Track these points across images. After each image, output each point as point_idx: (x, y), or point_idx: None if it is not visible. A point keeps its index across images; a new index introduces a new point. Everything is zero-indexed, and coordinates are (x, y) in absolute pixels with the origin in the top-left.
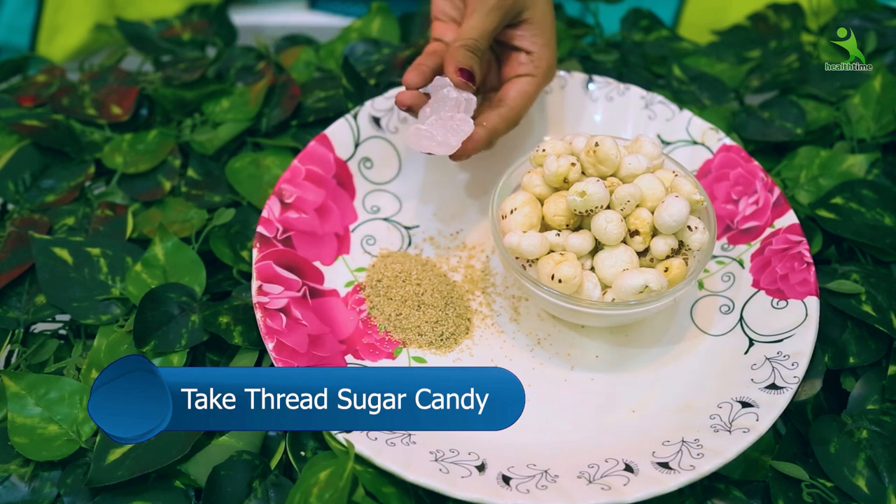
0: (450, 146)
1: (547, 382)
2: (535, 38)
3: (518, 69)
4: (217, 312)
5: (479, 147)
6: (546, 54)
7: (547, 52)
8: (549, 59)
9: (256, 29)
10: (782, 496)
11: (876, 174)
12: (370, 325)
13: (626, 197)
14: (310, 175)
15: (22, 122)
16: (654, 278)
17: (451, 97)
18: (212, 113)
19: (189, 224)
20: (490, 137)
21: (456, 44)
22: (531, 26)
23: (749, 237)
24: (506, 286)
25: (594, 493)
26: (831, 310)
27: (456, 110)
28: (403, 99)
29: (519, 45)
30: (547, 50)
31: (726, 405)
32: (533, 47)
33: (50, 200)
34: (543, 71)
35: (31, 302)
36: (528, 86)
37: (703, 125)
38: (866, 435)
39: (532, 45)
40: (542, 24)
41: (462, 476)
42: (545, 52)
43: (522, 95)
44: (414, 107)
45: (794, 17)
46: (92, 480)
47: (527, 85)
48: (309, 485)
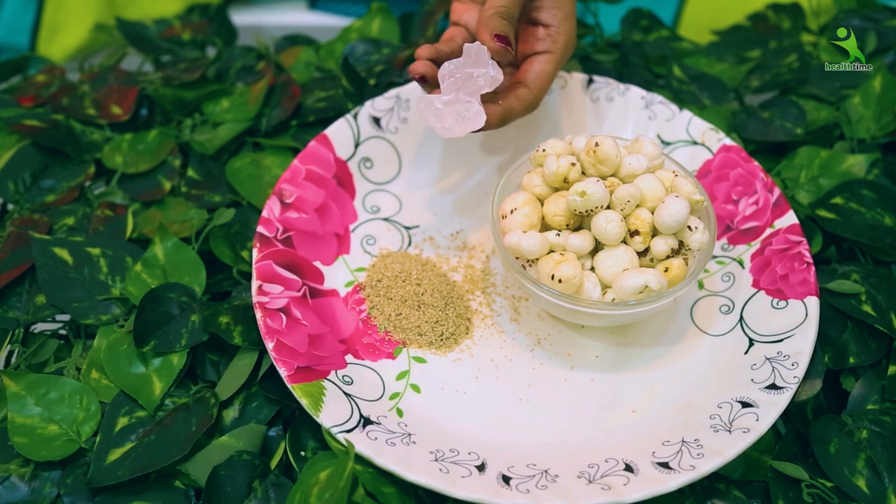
0: (452, 133)
1: (547, 382)
2: (554, 10)
3: (536, 45)
4: (217, 312)
5: (492, 125)
6: (565, 28)
7: (567, 26)
8: (567, 32)
9: (256, 29)
10: (782, 496)
11: (876, 174)
12: (370, 325)
13: (626, 197)
14: (310, 175)
15: (22, 122)
16: (654, 278)
17: (477, 82)
18: (212, 113)
19: (189, 224)
20: (504, 116)
21: (488, 12)
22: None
23: (749, 237)
24: (506, 286)
25: (594, 493)
26: (831, 310)
27: (476, 94)
28: (417, 67)
29: (537, 17)
30: (567, 23)
31: (726, 405)
32: (552, 20)
33: (50, 200)
34: (562, 47)
35: (31, 302)
36: (546, 65)
37: (703, 125)
38: (866, 435)
39: (551, 17)
40: None
41: (462, 476)
42: (565, 26)
43: (541, 76)
44: (428, 76)
45: (794, 17)
46: (92, 480)
47: (545, 64)
48: (309, 485)
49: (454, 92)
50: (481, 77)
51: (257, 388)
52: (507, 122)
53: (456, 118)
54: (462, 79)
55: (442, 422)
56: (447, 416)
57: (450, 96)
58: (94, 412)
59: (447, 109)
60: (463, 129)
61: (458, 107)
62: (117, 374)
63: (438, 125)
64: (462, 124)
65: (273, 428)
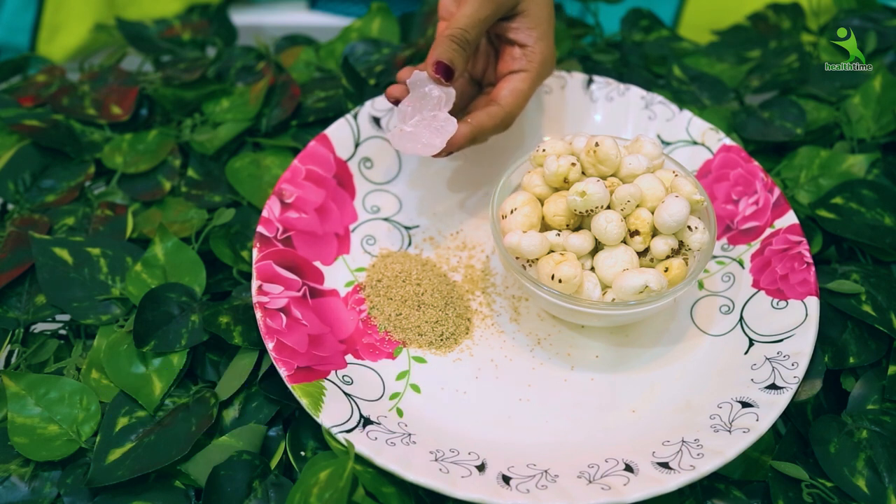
0: (434, 147)
1: (547, 382)
2: (529, 30)
3: (512, 64)
4: (217, 312)
5: (461, 145)
6: (540, 48)
7: (541, 46)
8: (543, 52)
9: (256, 29)
10: (782, 496)
11: (876, 174)
12: (370, 325)
13: (627, 197)
14: (310, 175)
15: (22, 122)
16: (654, 278)
17: (433, 95)
18: (212, 113)
19: (189, 224)
20: (474, 135)
21: (444, 33)
22: (526, 18)
23: (749, 237)
24: (506, 286)
25: (594, 493)
26: (831, 310)
27: (438, 108)
28: (392, 92)
29: (513, 38)
30: (541, 44)
31: (726, 405)
32: (528, 40)
33: (50, 200)
34: (537, 66)
35: (31, 302)
36: (520, 83)
37: (703, 125)
38: (866, 435)
39: (527, 37)
40: (538, 16)
41: (462, 476)
42: (539, 46)
43: (514, 93)
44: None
45: (794, 17)
46: (92, 480)
47: (519, 83)
48: (309, 485)
49: (416, 115)
50: (435, 90)
51: (257, 388)
52: (477, 139)
53: (430, 132)
54: (418, 98)
55: (442, 422)
56: (447, 416)
57: (413, 119)
58: (94, 412)
59: (418, 130)
60: (442, 138)
61: (426, 123)
62: (117, 374)
63: (418, 146)
64: (440, 134)
65: (273, 428)
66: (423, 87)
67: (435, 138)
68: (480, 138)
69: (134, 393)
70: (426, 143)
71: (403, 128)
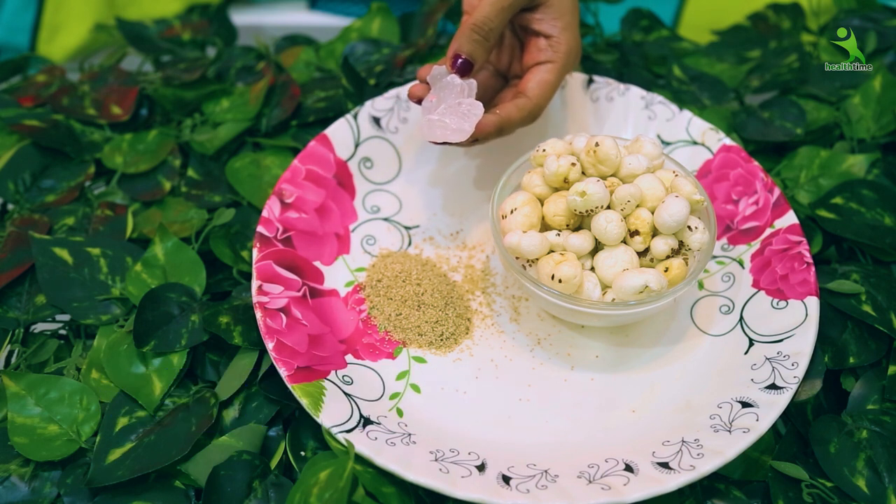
0: (464, 132)
1: (547, 382)
2: (554, 20)
3: (538, 56)
4: (217, 312)
5: (489, 134)
6: (566, 38)
7: (567, 36)
8: (568, 42)
9: (256, 29)
10: (782, 496)
11: (876, 174)
12: (370, 325)
13: (627, 197)
14: (310, 175)
15: (22, 122)
16: (654, 278)
17: (455, 84)
18: (212, 113)
19: (189, 224)
20: (501, 125)
21: (465, 25)
22: (550, 9)
23: (749, 237)
24: (506, 286)
25: (594, 493)
26: (831, 310)
27: (462, 96)
28: (415, 91)
29: (538, 28)
30: (567, 34)
31: (726, 405)
32: (552, 31)
33: (50, 200)
34: (563, 56)
35: (31, 302)
36: (547, 74)
37: (703, 125)
38: (866, 435)
39: (551, 28)
40: (562, 6)
41: (462, 476)
42: (565, 36)
43: (542, 85)
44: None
45: (794, 17)
46: (92, 480)
47: (546, 74)
48: (309, 485)
49: (441, 104)
50: (457, 79)
51: (257, 388)
52: (504, 131)
53: (458, 118)
54: (440, 89)
55: (442, 422)
56: (447, 416)
57: (440, 108)
58: (94, 412)
59: (447, 117)
60: (470, 122)
61: (453, 109)
62: (117, 374)
63: (448, 132)
64: (468, 118)
65: (273, 428)
66: (444, 79)
67: (464, 123)
68: (507, 129)
69: (134, 393)
70: (456, 128)
71: (430, 117)
